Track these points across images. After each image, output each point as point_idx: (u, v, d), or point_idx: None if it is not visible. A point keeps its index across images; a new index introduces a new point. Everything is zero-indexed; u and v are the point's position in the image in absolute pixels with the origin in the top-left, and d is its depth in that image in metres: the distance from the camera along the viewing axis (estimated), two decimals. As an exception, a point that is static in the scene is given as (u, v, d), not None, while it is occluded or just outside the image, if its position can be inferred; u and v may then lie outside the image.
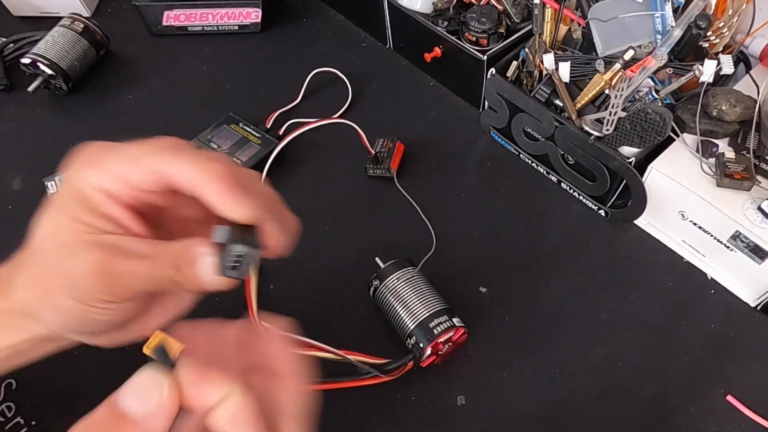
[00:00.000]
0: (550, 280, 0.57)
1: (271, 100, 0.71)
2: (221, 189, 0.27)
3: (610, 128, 0.54)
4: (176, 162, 0.27)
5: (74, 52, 0.71)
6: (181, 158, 0.27)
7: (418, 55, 0.71)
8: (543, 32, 0.59)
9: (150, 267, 0.27)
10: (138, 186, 0.27)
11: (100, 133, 0.68)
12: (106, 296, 0.27)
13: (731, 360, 0.52)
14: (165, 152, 0.27)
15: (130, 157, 0.27)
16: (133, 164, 0.27)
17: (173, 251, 0.28)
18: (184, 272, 0.28)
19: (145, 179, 0.27)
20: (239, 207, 0.27)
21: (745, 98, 0.54)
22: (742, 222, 0.50)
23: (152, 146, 0.27)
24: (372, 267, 0.53)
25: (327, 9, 0.83)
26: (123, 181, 0.27)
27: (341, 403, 0.50)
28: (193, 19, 0.78)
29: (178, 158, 0.27)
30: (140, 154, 0.27)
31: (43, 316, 0.29)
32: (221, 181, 0.27)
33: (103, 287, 0.27)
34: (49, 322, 0.29)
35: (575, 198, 0.63)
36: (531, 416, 0.50)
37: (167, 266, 0.27)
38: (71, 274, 0.27)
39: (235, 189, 0.27)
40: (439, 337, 0.47)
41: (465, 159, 0.67)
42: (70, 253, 0.27)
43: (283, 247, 0.30)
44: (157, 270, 0.27)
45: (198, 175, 0.27)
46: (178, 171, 0.27)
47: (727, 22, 0.55)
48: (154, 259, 0.27)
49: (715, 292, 0.56)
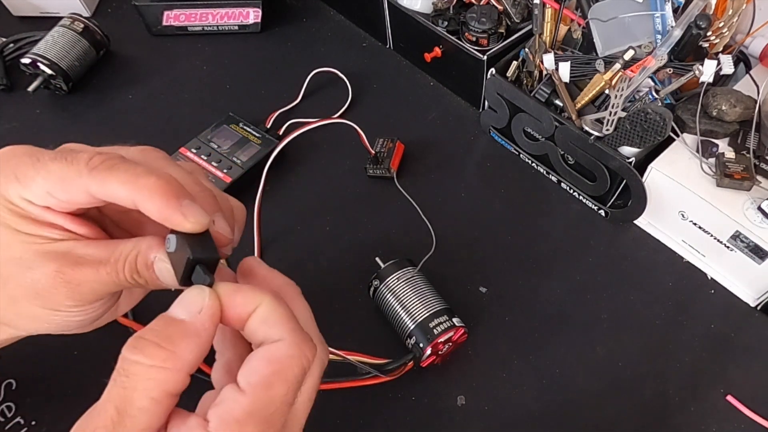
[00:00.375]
0: (550, 280, 0.57)
1: (271, 100, 0.71)
2: (160, 206, 0.26)
3: (610, 128, 0.54)
4: (109, 182, 0.26)
5: (74, 52, 0.71)
6: (115, 178, 0.26)
7: (418, 55, 0.71)
8: (543, 32, 0.59)
9: (108, 272, 0.27)
10: (72, 203, 0.27)
11: (100, 133, 0.68)
12: (73, 302, 0.27)
13: (731, 360, 0.52)
14: (97, 172, 0.26)
15: (62, 178, 0.26)
16: (65, 185, 0.26)
17: (129, 254, 0.27)
18: (144, 276, 0.28)
19: (80, 198, 0.27)
20: (182, 221, 0.26)
21: (745, 98, 0.54)
22: (742, 222, 0.50)
23: (83, 165, 0.26)
24: (372, 267, 0.53)
25: (327, 9, 0.83)
26: (55, 198, 0.27)
27: (341, 403, 0.50)
28: (193, 19, 0.78)
29: (111, 178, 0.26)
30: (73, 175, 0.26)
31: (15, 323, 0.29)
32: (159, 197, 0.26)
33: (67, 295, 0.27)
34: (21, 328, 0.29)
35: (575, 198, 0.63)
36: (531, 416, 0.50)
37: (126, 270, 0.27)
38: (33, 286, 0.27)
39: (174, 203, 0.26)
40: (439, 337, 0.47)
41: (465, 159, 0.67)
42: (26, 267, 0.27)
43: (235, 241, 0.30)
44: (116, 275, 0.27)
45: (134, 194, 0.26)
46: (112, 192, 0.26)
47: (727, 22, 0.55)
48: (111, 264, 0.27)
49: (715, 292, 0.56)
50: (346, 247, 0.59)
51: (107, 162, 0.26)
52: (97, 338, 0.35)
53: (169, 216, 0.26)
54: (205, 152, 0.63)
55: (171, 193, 0.26)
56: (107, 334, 0.34)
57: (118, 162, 0.27)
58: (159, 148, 0.31)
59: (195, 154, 0.63)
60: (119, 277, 0.27)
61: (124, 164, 0.27)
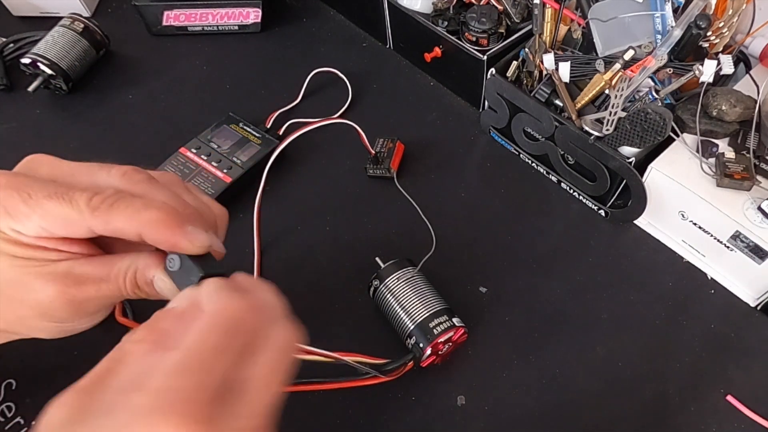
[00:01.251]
0: (550, 280, 0.57)
1: (271, 100, 0.71)
2: (167, 236, 0.27)
3: (610, 128, 0.54)
4: (113, 221, 0.27)
5: (74, 52, 0.71)
6: (118, 216, 0.27)
7: (418, 55, 0.71)
8: (543, 32, 0.59)
9: (110, 289, 0.28)
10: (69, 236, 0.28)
11: (100, 133, 0.68)
12: (79, 316, 0.28)
13: (731, 360, 0.52)
14: (99, 213, 0.27)
15: (63, 219, 0.27)
16: (66, 225, 0.27)
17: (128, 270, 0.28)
18: (145, 291, 0.29)
19: (79, 235, 0.27)
20: (189, 246, 0.27)
21: (745, 98, 0.54)
22: (742, 222, 0.50)
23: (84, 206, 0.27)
24: (372, 267, 0.53)
25: (327, 9, 0.83)
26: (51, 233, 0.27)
27: (341, 403, 0.50)
28: (193, 19, 0.78)
29: (115, 217, 0.27)
30: (75, 216, 0.26)
31: (24, 333, 0.30)
32: (164, 228, 0.27)
33: (73, 311, 0.28)
34: (32, 335, 0.30)
35: (575, 198, 0.63)
36: (531, 416, 0.50)
37: (127, 286, 0.28)
38: (38, 307, 0.27)
39: (179, 231, 0.27)
40: (439, 337, 0.47)
41: (465, 159, 0.67)
42: (29, 290, 0.27)
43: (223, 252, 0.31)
44: (118, 290, 0.28)
45: (138, 230, 0.27)
46: (116, 229, 0.27)
47: (727, 22, 0.55)
48: (112, 280, 0.28)
49: (715, 292, 0.56)
50: (346, 247, 0.59)
51: (108, 200, 0.27)
52: (97, 338, 0.35)
53: (177, 243, 0.27)
54: (205, 152, 0.63)
55: (174, 223, 0.27)
56: (107, 334, 0.34)
57: (117, 200, 0.27)
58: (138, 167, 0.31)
59: (195, 154, 0.63)
60: (122, 291, 0.28)
61: (124, 201, 0.27)
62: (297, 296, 0.55)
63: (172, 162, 0.62)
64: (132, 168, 0.30)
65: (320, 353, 0.46)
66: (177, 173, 0.61)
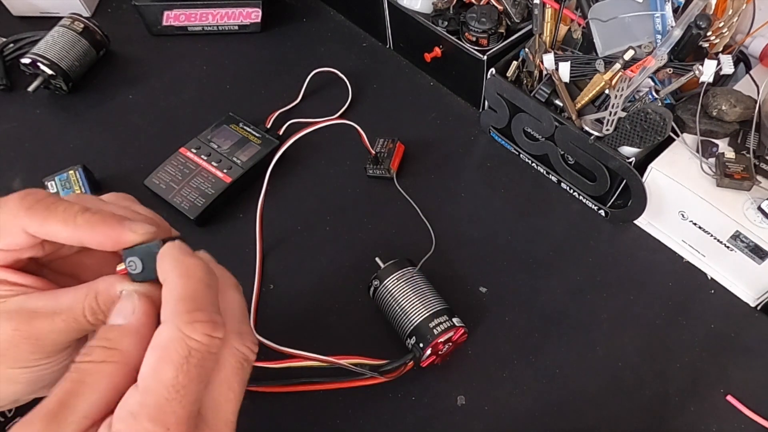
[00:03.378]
0: (550, 280, 0.57)
1: (271, 100, 0.71)
2: (103, 233, 0.26)
3: (610, 128, 0.54)
4: (49, 223, 0.26)
5: (74, 52, 0.71)
6: (53, 217, 0.26)
7: (418, 55, 0.71)
8: (543, 32, 0.59)
9: (65, 320, 0.26)
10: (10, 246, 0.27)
11: (100, 133, 0.68)
12: (38, 355, 0.27)
13: (731, 360, 0.52)
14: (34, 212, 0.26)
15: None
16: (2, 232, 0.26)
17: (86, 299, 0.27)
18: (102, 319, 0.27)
19: (18, 240, 0.26)
20: (130, 236, 0.26)
21: (745, 98, 0.54)
22: (742, 222, 0.50)
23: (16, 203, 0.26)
24: (372, 267, 0.53)
25: (327, 9, 0.83)
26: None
27: (341, 403, 0.50)
28: (193, 19, 0.78)
29: (49, 217, 0.26)
30: (7, 216, 0.26)
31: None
32: (100, 226, 0.26)
33: (31, 350, 0.26)
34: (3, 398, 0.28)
35: (575, 198, 0.63)
36: (531, 416, 0.50)
37: (88, 315, 0.27)
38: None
39: (118, 225, 0.26)
40: (439, 337, 0.47)
41: (465, 159, 0.67)
42: None
43: None
44: (75, 322, 0.27)
45: (75, 232, 0.26)
46: (52, 232, 0.26)
47: (727, 22, 0.55)
48: (66, 312, 0.26)
49: (715, 292, 0.56)
50: (346, 247, 0.59)
51: (43, 202, 0.26)
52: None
53: (119, 236, 0.26)
54: (205, 152, 0.63)
55: (113, 220, 0.27)
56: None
57: (53, 202, 0.26)
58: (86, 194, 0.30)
59: (195, 154, 0.63)
60: (79, 323, 0.27)
61: (62, 203, 0.27)
62: (297, 296, 0.56)
63: (172, 162, 0.62)
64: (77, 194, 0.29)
65: (315, 358, 0.46)
66: (177, 173, 0.61)
